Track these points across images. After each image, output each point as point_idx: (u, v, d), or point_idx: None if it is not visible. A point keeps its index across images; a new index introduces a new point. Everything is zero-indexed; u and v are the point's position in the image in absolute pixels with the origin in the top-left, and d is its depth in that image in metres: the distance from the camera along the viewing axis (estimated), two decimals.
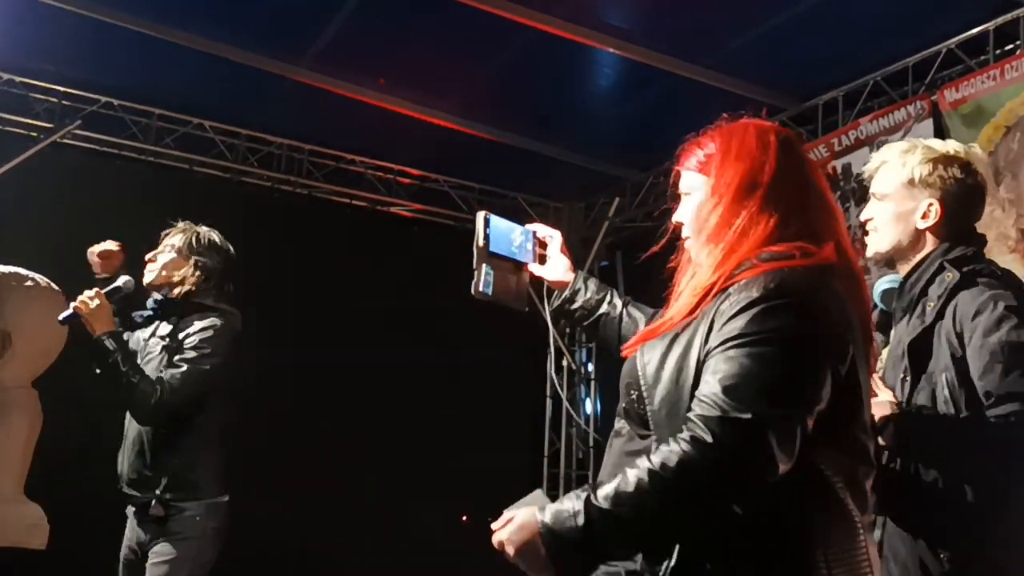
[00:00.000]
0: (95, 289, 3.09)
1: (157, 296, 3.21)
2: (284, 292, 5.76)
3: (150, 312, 3.22)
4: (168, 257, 3.20)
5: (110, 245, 3.24)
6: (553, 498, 1.42)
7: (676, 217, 1.63)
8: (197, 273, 3.19)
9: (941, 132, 4.62)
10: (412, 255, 6.49)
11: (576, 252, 2.17)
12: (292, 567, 5.70)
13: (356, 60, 5.50)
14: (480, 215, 1.86)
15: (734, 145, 1.55)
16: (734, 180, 1.52)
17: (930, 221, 2.05)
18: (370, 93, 5.75)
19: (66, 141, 5.88)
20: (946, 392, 1.93)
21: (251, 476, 3.67)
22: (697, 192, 1.58)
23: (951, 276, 1.99)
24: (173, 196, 5.50)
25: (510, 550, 1.41)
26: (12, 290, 3.54)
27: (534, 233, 1.89)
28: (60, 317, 3.10)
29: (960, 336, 1.94)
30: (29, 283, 3.55)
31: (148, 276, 3.21)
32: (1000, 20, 4.68)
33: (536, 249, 1.90)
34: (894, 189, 2.09)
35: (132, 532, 3.10)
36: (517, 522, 1.41)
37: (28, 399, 3.54)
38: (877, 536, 1.95)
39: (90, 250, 3.25)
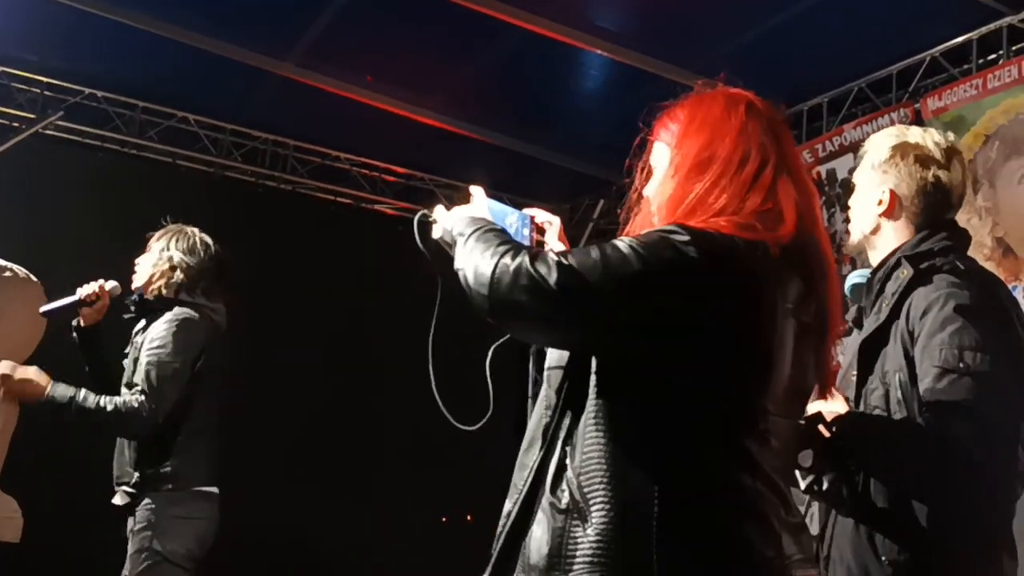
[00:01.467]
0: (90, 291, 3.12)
1: (133, 296, 3.25)
2: (267, 288, 5.73)
3: (132, 314, 3.27)
4: (150, 259, 3.26)
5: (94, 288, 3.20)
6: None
7: (645, 191, 1.56)
8: (176, 273, 3.22)
9: None
10: (397, 253, 6.45)
11: None
12: (280, 563, 5.67)
13: (343, 57, 5.48)
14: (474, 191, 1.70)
15: (699, 115, 1.48)
16: (690, 153, 1.43)
17: (883, 208, 2.01)
18: (356, 90, 5.74)
19: (48, 132, 5.83)
20: (899, 393, 1.84)
21: (243, 472, 3.67)
22: (661, 165, 1.51)
23: (905, 272, 1.91)
24: (156, 190, 5.47)
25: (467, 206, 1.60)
26: None
27: (532, 218, 1.73)
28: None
29: (912, 335, 1.85)
30: (8, 274, 3.50)
31: (135, 280, 3.27)
32: (984, 30, 4.72)
33: (533, 235, 1.72)
34: (863, 176, 2.08)
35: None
36: (470, 211, 1.58)
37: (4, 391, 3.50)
38: (828, 534, 1.91)
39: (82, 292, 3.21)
